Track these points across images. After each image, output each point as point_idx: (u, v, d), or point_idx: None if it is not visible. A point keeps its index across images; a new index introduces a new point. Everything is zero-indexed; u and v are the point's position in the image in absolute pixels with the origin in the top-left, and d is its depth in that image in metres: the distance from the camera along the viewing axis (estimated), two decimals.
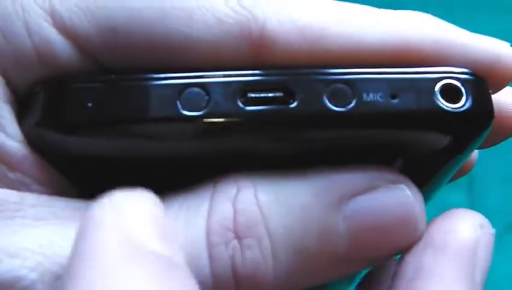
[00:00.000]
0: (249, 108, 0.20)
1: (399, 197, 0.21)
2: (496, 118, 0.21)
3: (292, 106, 0.20)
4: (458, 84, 0.21)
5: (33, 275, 0.19)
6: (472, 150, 0.22)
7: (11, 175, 0.20)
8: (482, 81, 0.21)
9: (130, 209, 0.17)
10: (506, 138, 0.25)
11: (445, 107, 0.20)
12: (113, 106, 0.20)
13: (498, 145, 0.26)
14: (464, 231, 0.21)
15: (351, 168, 0.21)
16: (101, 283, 0.16)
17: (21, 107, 0.21)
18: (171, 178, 0.21)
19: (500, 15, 0.50)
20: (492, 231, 0.21)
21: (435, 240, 0.21)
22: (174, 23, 0.20)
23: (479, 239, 0.21)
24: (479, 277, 0.21)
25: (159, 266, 0.17)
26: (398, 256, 0.22)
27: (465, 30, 0.22)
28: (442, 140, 0.21)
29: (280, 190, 0.20)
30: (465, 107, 0.20)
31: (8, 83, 0.21)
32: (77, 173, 0.21)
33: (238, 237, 0.20)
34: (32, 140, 0.21)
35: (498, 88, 0.23)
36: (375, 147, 0.21)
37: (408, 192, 0.21)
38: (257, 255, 0.20)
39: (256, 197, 0.20)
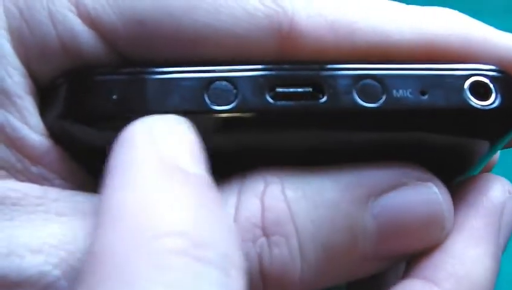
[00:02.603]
0: (277, 103, 0.20)
1: (427, 195, 0.21)
2: None
3: (321, 101, 0.20)
4: (487, 81, 0.21)
5: (57, 272, 0.18)
6: (500, 147, 0.22)
7: (33, 169, 0.20)
8: (510, 78, 0.21)
9: (161, 129, 0.18)
10: None
11: (475, 105, 0.20)
12: (139, 99, 0.20)
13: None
14: (494, 192, 0.22)
15: (378, 165, 0.21)
16: (134, 197, 0.16)
17: (43, 99, 0.20)
18: None
19: (502, 16, 0.50)
20: None
21: (467, 198, 0.22)
22: (202, 15, 0.20)
23: (506, 203, 0.22)
24: (502, 240, 0.22)
25: (192, 182, 0.17)
26: None
27: (491, 27, 0.22)
28: (471, 137, 0.21)
29: (307, 186, 0.20)
30: (494, 105, 0.20)
31: (31, 74, 0.20)
32: (100, 166, 0.21)
33: (266, 234, 0.20)
34: (54, 133, 0.20)
35: None
36: (405, 144, 0.21)
37: (436, 190, 0.21)
38: (285, 254, 0.20)
39: (284, 193, 0.20)
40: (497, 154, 0.27)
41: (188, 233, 0.16)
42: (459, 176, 0.23)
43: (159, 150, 0.17)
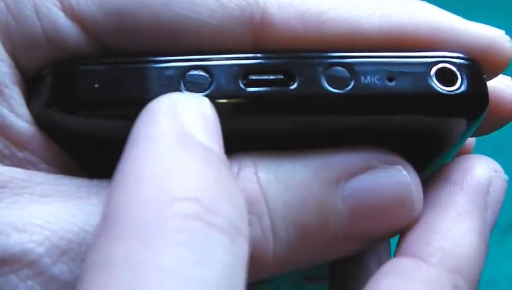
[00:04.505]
0: (250, 89, 0.21)
1: (396, 177, 0.22)
2: (490, 105, 0.22)
3: (292, 87, 0.21)
4: (453, 68, 0.21)
5: (40, 249, 0.19)
6: (468, 135, 0.23)
7: (19, 154, 0.21)
8: (477, 65, 0.22)
9: (184, 106, 0.19)
10: (501, 126, 0.25)
11: (441, 90, 0.21)
12: (118, 87, 0.21)
13: (498, 145, 0.26)
14: (478, 170, 0.23)
15: (348, 149, 0.22)
16: (153, 165, 0.18)
17: (29, 89, 0.22)
18: None
19: (495, 14, 0.50)
20: (505, 177, 0.23)
21: (451, 176, 0.22)
22: (179, 7, 0.21)
23: (492, 179, 0.23)
24: (490, 217, 0.22)
25: (210, 157, 0.18)
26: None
27: (459, 17, 0.23)
28: (438, 122, 0.21)
29: (279, 168, 0.21)
30: (460, 90, 0.21)
31: (17, 65, 0.21)
32: (83, 152, 0.22)
33: None
34: (40, 121, 0.21)
35: (492, 75, 0.23)
36: (374, 129, 0.22)
37: (405, 172, 0.22)
38: (258, 232, 0.21)
39: (256, 175, 0.21)
40: (473, 143, 0.28)
41: (202, 200, 0.17)
42: (433, 160, 0.24)
43: (181, 125, 0.19)
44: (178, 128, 0.18)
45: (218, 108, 0.21)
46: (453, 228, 0.22)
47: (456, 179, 0.22)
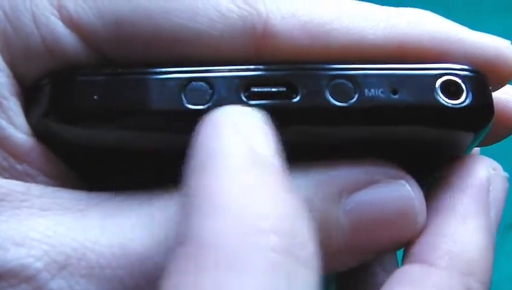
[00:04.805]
0: (252, 102, 0.20)
1: (399, 191, 0.21)
2: (496, 116, 0.22)
3: (295, 100, 0.20)
4: (458, 80, 0.21)
5: (39, 264, 0.19)
6: (473, 146, 0.23)
7: (18, 166, 0.21)
8: (482, 77, 0.22)
9: (246, 118, 0.18)
10: (506, 137, 0.25)
11: (446, 103, 0.21)
12: (118, 98, 0.20)
13: (499, 144, 0.26)
14: (479, 170, 0.22)
15: (351, 163, 0.21)
16: (233, 185, 0.17)
17: (27, 99, 0.21)
18: (175, 170, 0.21)
19: (500, 14, 0.50)
20: (505, 174, 0.23)
21: (453, 179, 0.22)
22: (179, 17, 0.21)
23: (491, 178, 0.23)
24: (493, 215, 0.22)
25: (279, 176, 0.18)
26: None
27: (464, 27, 0.22)
28: (443, 135, 0.21)
29: None
30: (465, 103, 0.21)
31: (16, 75, 0.21)
32: (83, 164, 0.22)
33: None
34: (38, 132, 0.21)
35: (498, 86, 0.23)
36: (378, 142, 0.21)
37: (408, 187, 0.21)
38: None
39: None
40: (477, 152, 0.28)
41: (287, 231, 0.16)
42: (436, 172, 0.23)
43: (246, 140, 0.18)
44: (244, 144, 0.18)
45: None
46: (458, 230, 0.21)
47: (458, 181, 0.22)
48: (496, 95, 0.22)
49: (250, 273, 0.16)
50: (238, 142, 0.18)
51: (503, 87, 0.23)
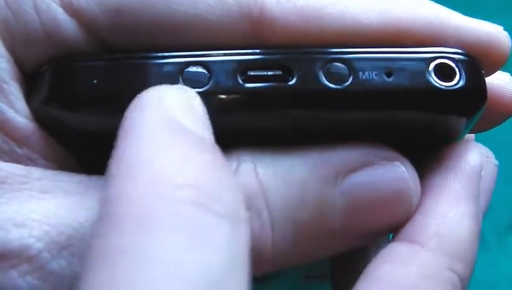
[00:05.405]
0: (248, 85, 0.21)
1: (394, 173, 0.22)
2: (489, 102, 0.22)
3: (290, 83, 0.21)
4: (452, 63, 0.21)
5: (39, 244, 0.19)
6: (466, 132, 0.23)
7: (18, 150, 0.21)
8: (475, 61, 0.22)
9: (172, 94, 0.19)
10: (500, 123, 0.26)
11: (439, 85, 0.21)
12: (117, 83, 0.21)
13: (500, 145, 0.26)
14: (472, 156, 0.23)
15: (346, 145, 0.22)
16: (150, 151, 0.18)
17: (28, 85, 0.22)
18: None
19: (500, 14, 0.50)
20: (496, 162, 0.24)
21: (446, 162, 0.23)
22: (178, 3, 0.21)
23: (483, 164, 0.23)
24: (482, 202, 0.23)
25: (203, 144, 0.18)
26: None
27: (458, 13, 0.23)
28: (437, 117, 0.21)
29: (278, 164, 0.21)
30: (458, 85, 0.21)
31: (16, 61, 0.21)
32: (82, 148, 0.22)
33: None
34: (39, 117, 0.21)
35: (491, 71, 0.23)
36: (373, 124, 0.22)
37: (403, 168, 0.22)
38: (257, 227, 0.21)
39: (255, 171, 0.21)
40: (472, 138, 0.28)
41: (202, 187, 0.17)
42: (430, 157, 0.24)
43: (169, 111, 0.19)
44: (167, 117, 0.18)
45: (217, 104, 0.21)
46: (448, 212, 0.22)
47: (451, 165, 0.23)
48: (488, 80, 0.23)
49: (162, 226, 0.16)
50: (159, 112, 0.19)
51: (495, 73, 0.24)
